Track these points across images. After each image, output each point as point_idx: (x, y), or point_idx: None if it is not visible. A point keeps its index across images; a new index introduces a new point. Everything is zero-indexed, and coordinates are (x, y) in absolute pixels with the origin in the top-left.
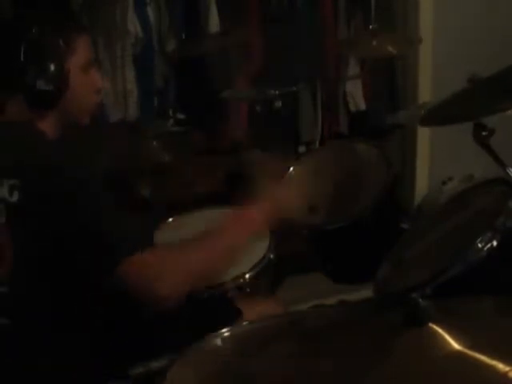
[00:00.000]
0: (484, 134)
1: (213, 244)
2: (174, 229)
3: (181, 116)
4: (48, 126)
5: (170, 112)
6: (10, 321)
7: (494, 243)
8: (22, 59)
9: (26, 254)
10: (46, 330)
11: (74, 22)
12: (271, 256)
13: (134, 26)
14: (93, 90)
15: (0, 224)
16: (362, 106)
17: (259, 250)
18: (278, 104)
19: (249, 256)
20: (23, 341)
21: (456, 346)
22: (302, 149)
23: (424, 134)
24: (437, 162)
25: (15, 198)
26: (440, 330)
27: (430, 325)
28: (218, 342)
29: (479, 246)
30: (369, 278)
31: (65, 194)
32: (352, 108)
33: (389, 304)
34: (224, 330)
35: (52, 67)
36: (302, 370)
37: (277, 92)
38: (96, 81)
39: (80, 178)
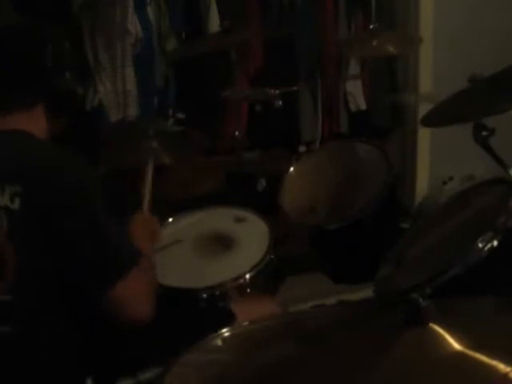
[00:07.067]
0: (484, 134)
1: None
2: (174, 229)
3: (181, 116)
4: (48, 130)
5: (170, 112)
6: (13, 329)
7: (495, 243)
8: (49, 69)
9: (29, 262)
10: (49, 338)
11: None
12: (271, 256)
13: (134, 26)
14: None
15: (1, 232)
16: (362, 105)
17: (259, 250)
18: (278, 104)
19: (249, 256)
20: (26, 349)
21: (456, 345)
22: (302, 149)
23: (424, 134)
24: (437, 162)
25: (17, 205)
26: (440, 330)
27: (430, 325)
28: (218, 342)
29: (479, 245)
30: (369, 278)
31: (67, 201)
32: (352, 108)
33: (389, 304)
34: (224, 330)
35: (74, 69)
36: (302, 370)
37: (277, 92)
38: None
39: (82, 184)
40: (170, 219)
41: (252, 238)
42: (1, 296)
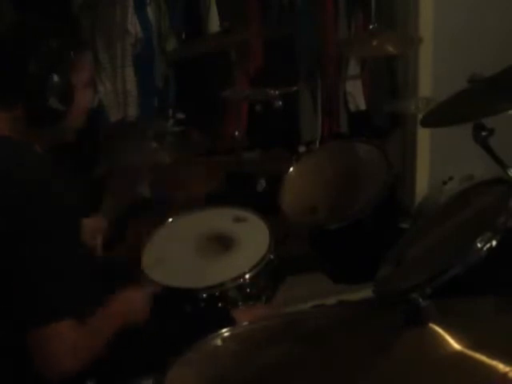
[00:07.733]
0: (484, 134)
1: (107, 323)
2: (174, 229)
3: (181, 116)
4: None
5: (170, 112)
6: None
7: (494, 243)
8: (31, 73)
9: None
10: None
11: (78, 37)
12: (271, 256)
13: (133, 26)
14: (87, 107)
15: None
16: (362, 105)
17: (259, 250)
18: (278, 104)
19: (249, 256)
20: (23, 351)
21: (456, 345)
22: (302, 149)
23: (424, 134)
24: (437, 162)
25: None
26: (440, 330)
27: (430, 325)
28: (218, 342)
29: (479, 245)
30: (369, 278)
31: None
32: (352, 108)
33: (389, 304)
34: (224, 330)
35: (62, 84)
36: (302, 370)
37: (277, 92)
38: (91, 98)
39: (43, 215)
40: (170, 219)
41: (252, 237)
42: None
